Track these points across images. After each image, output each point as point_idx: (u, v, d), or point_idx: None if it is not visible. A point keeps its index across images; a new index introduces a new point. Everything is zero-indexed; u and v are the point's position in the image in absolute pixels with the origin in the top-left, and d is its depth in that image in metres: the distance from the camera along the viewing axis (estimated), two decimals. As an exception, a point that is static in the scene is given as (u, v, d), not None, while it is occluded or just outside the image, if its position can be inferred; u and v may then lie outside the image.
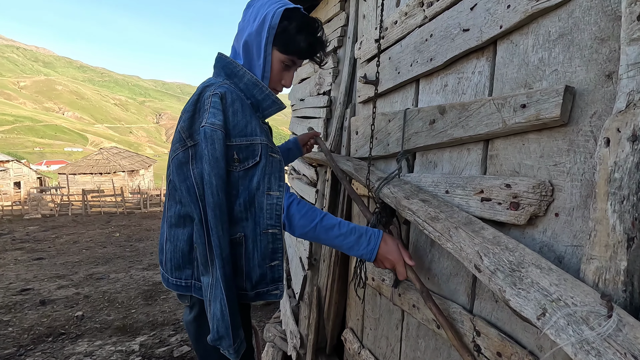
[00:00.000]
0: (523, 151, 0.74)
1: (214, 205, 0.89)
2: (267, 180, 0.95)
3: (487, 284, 0.61)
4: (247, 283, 0.98)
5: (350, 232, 0.97)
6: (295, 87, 2.83)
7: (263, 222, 0.95)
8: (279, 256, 0.99)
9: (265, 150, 0.95)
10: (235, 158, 0.92)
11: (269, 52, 0.99)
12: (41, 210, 15.92)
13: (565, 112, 0.63)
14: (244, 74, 1.00)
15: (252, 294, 0.99)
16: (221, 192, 0.89)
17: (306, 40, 1.00)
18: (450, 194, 0.90)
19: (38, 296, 4.52)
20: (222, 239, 0.90)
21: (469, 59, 0.90)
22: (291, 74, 1.07)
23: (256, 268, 0.97)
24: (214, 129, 0.89)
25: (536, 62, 0.71)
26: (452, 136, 0.91)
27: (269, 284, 1.00)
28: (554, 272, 0.54)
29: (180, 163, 0.96)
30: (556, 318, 0.48)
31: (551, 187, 0.67)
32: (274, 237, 0.97)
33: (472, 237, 0.69)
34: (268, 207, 0.95)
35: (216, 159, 0.89)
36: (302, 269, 2.19)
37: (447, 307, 0.94)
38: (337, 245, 0.98)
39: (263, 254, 0.97)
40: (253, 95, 1.00)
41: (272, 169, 0.96)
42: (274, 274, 1.00)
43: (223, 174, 0.90)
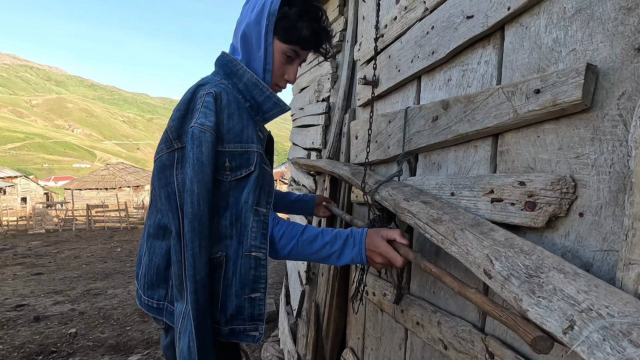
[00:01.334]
0: (538, 144, 0.65)
1: (193, 217, 0.77)
2: (258, 194, 0.83)
3: (500, 292, 0.52)
4: (221, 315, 0.83)
5: (335, 237, 0.86)
6: (296, 97, 2.78)
7: (247, 243, 0.82)
8: (262, 287, 0.85)
9: (260, 160, 0.85)
10: (226, 166, 0.82)
11: (269, 42, 0.90)
12: (45, 226, 15.92)
13: (588, 94, 0.55)
14: (243, 73, 0.91)
15: (225, 329, 0.84)
16: (203, 203, 0.78)
17: (309, 27, 0.91)
18: (456, 196, 0.81)
19: (33, 312, 4.40)
20: (197, 258, 0.77)
21: (474, 48, 0.83)
22: (294, 67, 0.96)
23: (232, 298, 0.82)
24: (202, 130, 0.79)
25: (550, 44, 0.63)
26: (457, 132, 0.82)
27: (246, 322, 0.84)
28: (581, 277, 0.44)
29: (163, 166, 0.86)
30: (588, 332, 0.38)
31: (573, 182, 0.58)
32: (257, 262, 0.83)
33: (481, 239, 0.60)
34: (254, 225, 0.82)
35: (201, 163, 0.78)
36: (300, 284, 2.08)
37: (454, 326, 0.83)
38: (325, 256, 0.86)
39: (243, 281, 0.83)
40: (253, 96, 0.91)
41: (264, 181, 0.85)
42: (254, 310, 0.84)
43: (208, 182, 0.79)
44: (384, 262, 0.85)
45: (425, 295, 1.01)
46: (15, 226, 16.34)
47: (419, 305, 0.98)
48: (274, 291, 4.99)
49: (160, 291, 0.88)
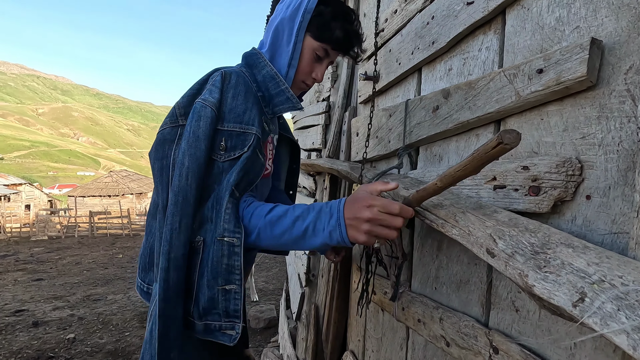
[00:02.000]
0: (542, 127, 0.63)
1: (178, 190, 0.74)
2: (241, 176, 0.79)
3: (504, 270, 0.49)
4: (195, 308, 0.77)
5: (308, 210, 0.75)
6: (297, 100, 2.78)
7: (220, 226, 0.75)
8: (236, 279, 0.76)
9: (256, 144, 0.82)
10: (222, 145, 0.79)
11: (300, 38, 0.90)
12: (48, 232, 15.95)
13: (593, 70, 0.53)
14: (264, 66, 0.91)
15: (200, 325, 0.77)
16: (191, 177, 0.74)
17: (342, 28, 0.91)
18: (458, 186, 0.79)
19: (32, 317, 4.37)
20: (175, 234, 0.72)
21: (475, 35, 0.81)
22: (323, 67, 0.96)
23: (205, 288, 0.75)
24: (204, 105, 0.78)
25: (553, 23, 0.62)
26: (458, 120, 0.80)
27: (222, 317, 0.76)
28: (591, 250, 0.41)
29: (163, 139, 0.84)
30: (600, 303, 0.35)
31: (579, 164, 0.56)
32: (230, 250, 0.75)
33: (483, 220, 0.57)
34: (229, 206, 0.75)
35: (197, 137, 0.76)
36: (300, 286, 2.05)
37: (457, 321, 0.80)
38: (298, 235, 0.74)
39: (215, 270, 0.75)
40: (267, 88, 0.90)
41: (252, 166, 0.81)
42: (229, 304, 0.76)
43: (200, 157, 0.76)
44: (374, 217, 0.68)
45: (427, 292, 0.97)
46: (19, 233, 16.38)
47: (420, 302, 0.95)
48: (275, 297, 4.93)
49: (150, 274, 0.85)
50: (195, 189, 0.75)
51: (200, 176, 0.77)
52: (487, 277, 0.75)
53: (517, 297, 0.67)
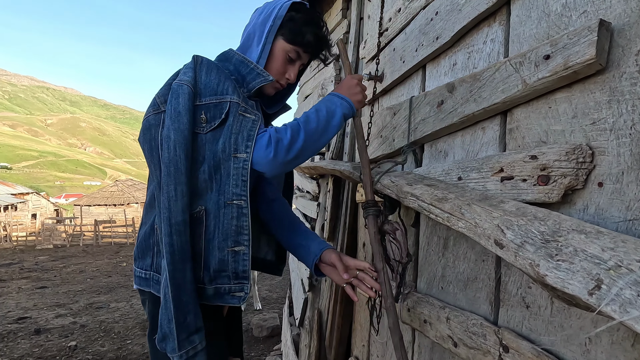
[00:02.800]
0: (550, 115, 0.62)
1: (169, 161, 0.80)
2: (234, 141, 0.83)
3: (513, 261, 0.47)
4: (205, 273, 0.83)
5: (319, 105, 0.92)
6: (301, 105, 2.79)
7: (228, 191, 0.83)
8: (245, 239, 0.84)
9: (234, 108, 0.86)
10: (202, 118, 0.85)
11: (269, 40, 0.96)
12: (53, 241, 16.00)
13: (602, 52, 0.51)
14: (233, 56, 0.97)
15: (210, 289, 0.83)
16: (179, 149, 0.80)
17: (313, 32, 0.97)
18: (464, 180, 0.77)
19: (34, 325, 4.34)
20: (172, 201, 0.78)
21: (479, 28, 0.81)
22: (296, 68, 1.01)
23: (215, 251, 0.82)
24: (180, 84, 0.85)
25: (559, 10, 0.61)
26: (464, 113, 0.79)
27: (231, 279, 0.83)
28: (605, 235, 0.39)
29: (149, 125, 0.89)
30: (617, 289, 0.33)
31: (590, 150, 0.54)
32: (239, 211, 0.83)
33: (490, 211, 0.55)
34: (234, 172, 0.83)
35: (178, 112, 0.82)
36: (303, 292, 2.01)
37: (464, 320, 0.77)
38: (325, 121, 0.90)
39: (225, 232, 0.82)
40: (239, 72, 0.95)
41: (240, 127, 0.85)
42: (238, 265, 0.83)
43: (184, 130, 0.81)
44: (362, 90, 0.98)
45: (433, 292, 0.95)
46: (25, 242, 16.45)
47: (426, 302, 0.92)
48: (278, 306, 4.87)
49: (147, 259, 0.88)
50: (184, 159, 0.81)
51: (188, 147, 0.82)
52: (495, 274, 0.73)
53: (528, 293, 0.64)
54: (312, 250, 1.00)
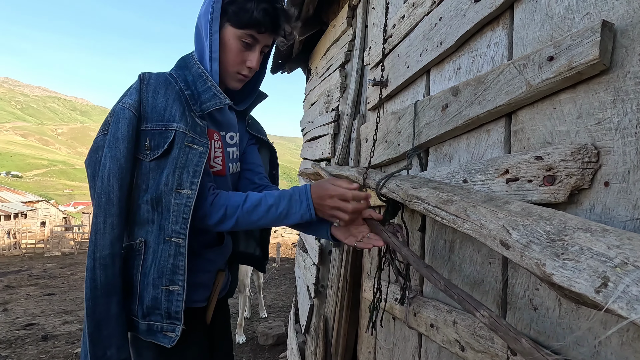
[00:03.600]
0: (555, 116, 0.62)
1: (100, 192, 0.76)
2: (178, 175, 0.79)
3: (519, 261, 0.47)
4: (139, 308, 0.80)
5: (280, 198, 0.85)
6: (306, 112, 2.81)
7: (168, 227, 0.79)
8: (180, 279, 0.79)
9: (180, 138, 0.81)
10: (146, 145, 0.81)
11: (215, 30, 0.87)
12: (62, 248, 16.16)
13: (606, 53, 0.52)
14: (192, 65, 0.91)
15: (143, 324, 0.80)
16: (113, 179, 0.77)
17: (259, 7, 0.86)
18: (469, 182, 0.77)
19: (41, 331, 4.37)
20: (99, 235, 0.75)
21: (483, 32, 0.82)
22: (256, 54, 0.92)
23: (150, 287, 0.79)
24: (122, 107, 0.80)
25: (562, 12, 0.61)
26: (468, 116, 0.79)
27: (164, 318, 0.80)
28: (611, 233, 0.39)
29: (97, 147, 0.85)
30: (624, 286, 0.33)
31: (595, 150, 0.54)
32: (177, 249, 0.79)
33: (495, 212, 0.55)
34: (175, 208, 0.78)
35: (116, 139, 0.78)
36: (309, 298, 2.00)
37: (471, 324, 0.77)
38: (273, 219, 0.84)
39: (161, 270, 0.79)
40: (196, 87, 0.89)
41: (185, 161, 0.81)
42: (171, 305, 0.79)
43: (121, 159, 0.78)
44: (335, 205, 0.84)
45: (439, 295, 0.94)
46: (33, 249, 16.63)
47: (432, 307, 0.92)
48: (284, 314, 4.84)
49: None
50: (118, 189, 0.77)
51: (123, 177, 0.78)
52: (502, 276, 0.72)
53: (535, 295, 0.64)
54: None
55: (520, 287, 0.67)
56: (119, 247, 0.78)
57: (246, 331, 4.14)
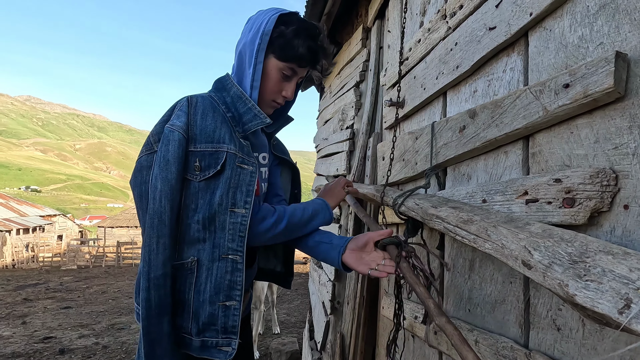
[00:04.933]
0: (572, 140, 0.64)
1: (153, 213, 0.78)
2: (232, 195, 0.82)
3: (542, 281, 0.49)
4: (193, 324, 0.81)
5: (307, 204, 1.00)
6: (320, 129, 2.87)
7: (224, 245, 0.81)
8: (237, 295, 0.81)
9: (231, 159, 0.84)
10: (196, 166, 0.83)
11: (260, 60, 0.91)
12: (77, 262, 16.44)
13: (620, 82, 0.54)
14: (231, 87, 0.94)
15: (197, 341, 0.81)
16: (165, 200, 0.78)
17: (305, 44, 0.91)
18: (488, 202, 0.79)
19: (59, 345, 4.43)
20: (153, 255, 0.77)
21: (498, 58, 0.85)
22: (292, 84, 0.96)
23: (206, 305, 0.80)
24: (172, 130, 0.82)
25: (576, 42, 0.64)
26: (486, 138, 0.82)
27: (219, 333, 0.81)
28: (632, 256, 0.41)
29: (141, 167, 0.87)
30: (649, 309, 0.35)
31: (614, 174, 0.56)
32: (234, 266, 0.81)
33: (516, 232, 0.57)
34: (231, 227, 0.81)
35: (167, 161, 0.80)
36: (325, 315, 2.00)
37: (494, 343, 0.77)
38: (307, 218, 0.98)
39: (217, 286, 0.80)
40: (236, 108, 0.92)
41: (238, 181, 0.83)
42: (228, 320, 0.81)
43: (172, 180, 0.79)
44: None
45: (460, 314, 0.95)
46: (50, 262, 16.97)
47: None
48: (297, 330, 4.80)
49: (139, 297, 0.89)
50: (169, 210, 0.79)
51: (174, 198, 0.80)
52: (524, 296, 0.73)
53: (558, 315, 0.65)
54: (335, 243, 0.95)
55: (543, 307, 0.68)
56: (170, 267, 0.79)
57: (259, 347, 4.12)
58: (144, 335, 0.76)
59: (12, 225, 21.67)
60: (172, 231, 0.80)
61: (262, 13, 0.94)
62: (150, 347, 0.77)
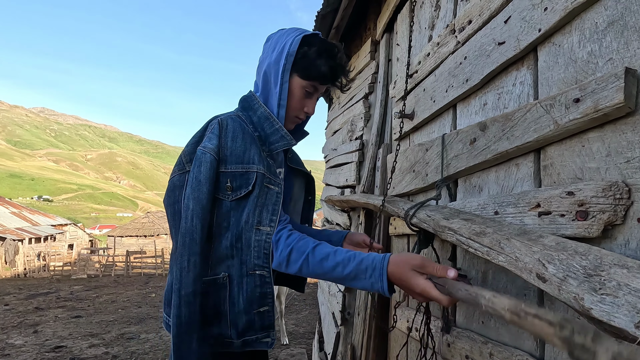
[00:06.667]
0: (584, 153, 0.65)
1: (185, 232, 0.82)
2: (258, 213, 0.86)
3: (557, 294, 0.49)
4: (232, 331, 0.86)
5: (349, 259, 0.80)
6: (329, 140, 2.89)
7: (250, 262, 0.85)
8: (269, 302, 0.88)
9: (260, 179, 0.88)
10: (228, 186, 0.87)
11: (286, 80, 0.96)
12: (87, 271, 16.59)
13: (631, 97, 0.55)
14: (258, 107, 0.98)
15: (238, 342, 0.86)
16: (196, 219, 0.82)
17: (327, 64, 0.97)
18: (500, 214, 0.80)
19: (69, 354, 4.46)
20: (184, 272, 0.80)
21: (508, 72, 0.86)
22: (314, 100, 1.03)
23: (242, 315, 0.85)
24: (204, 152, 0.87)
25: (585, 57, 0.65)
26: (497, 151, 0.83)
27: (258, 331, 0.87)
28: (650, 271, 0.42)
29: (174, 186, 0.93)
30: (667, 324, 0.35)
31: (627, 187, 0.57)
32: (262, 280, 0.86)
33: (529, 245, 0.58)
34: (256, 244, 0.85)
35: (199, 182, 0.84)
36: (335, 326, 2.00)
37: (509, 356, 0.77)
38: (338, 277, 0.81)
39: (249, 299, 0.86)
40: (263, 128, 0.96)
41: (265, 200, 0.88)
42: (264, 321, 0.88)
43: (203, 200, 0.83)
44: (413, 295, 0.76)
45: (473, 326, 0.94)
46: (61, 271, 17.15)
47: (467, 337, 0.92)
48: (305, 341, 4.77)
49: (168, 307, 0.93)
50: (200, 229, 0.83)
51: (205, 217, 0.84)
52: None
53: (574, 328, 0.65)
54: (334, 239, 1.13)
55: (558, 319, 0.68)
56: (199, 284, 0.82)
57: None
58: (175, 351, 0.80)
59: (25, 234, 22.03)
60: (203, 249, 0.84)
61: (285, 33, 0.98)
62: None
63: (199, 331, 0.82)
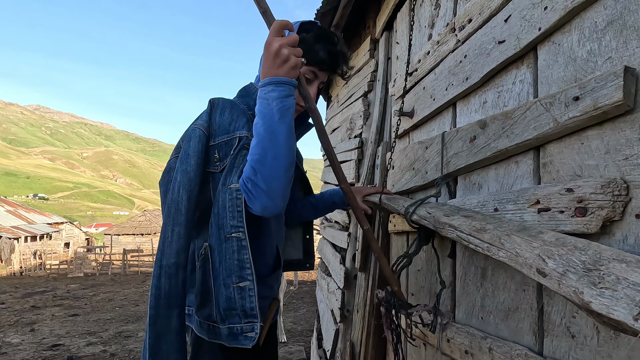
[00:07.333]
0: (583, 151, 0.66)
1: (170, 202, 0.81)
2: (233, 173, 0.84)
3: (557, 289, 0.50)
4: (217, 312, 0.82)
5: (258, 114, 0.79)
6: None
7: (227, 224, 0.82)
8: (248, 274, 0.82)
9: (243, 142, 0.87)
10: (215, 157, 0.88)
11: None
12: (84, 269, 16.53)
13: (630, 95, 0.56)
14: (254, 92, 0.98)
15: (224, 329, 0.83)
16: (182, 190, 0.82)
17: (325, 49, 0.96)
18: (500, 211, 0.81)
19: (67, 352, 4.46)
20: (167, 243, 0.79)
21: (508, 70, 0.87)
22: (314, 88, 1.00)
23: (222, 289, 0.81)
24: (194, 128, 0.88)
25: (585, 56, 0.66)
26: (497, 149, 0.84)
27: (241, 318, 0.82)
28: (648, 265, 0.42)
29: (169, 168, 0.93)
30: (664, 316, 0.36)
31: (625, 184, 0.58)
32: (239, 244, 0.82)
33: (529, 241, 0.59)
34: (230, 204, 0.82)
35: (187, 155, 0.85)
36: (334, 322, 2.01)
37: (508, 351, 0.78)
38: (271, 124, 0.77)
39: (228, 268, 0.82)
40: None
41: (242, 161, 0.85)
42: (245, 303, 0.81)
43: (190, 172, 0.84)
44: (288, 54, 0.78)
45: (472, 322, 0.96)
46: (57, 270, 17.08)
47: (466, 333, 0.93)
48: (303, 339, 4.78)
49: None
50: (186, 200, 0.82)
51: (192, 189, 0.84)
52: (537, 304, 0.74)
53: (572, 323, 0.66)
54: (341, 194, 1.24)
55: (557, 314, 0.69)
56: (184, 257, 0.81)
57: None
58: (150, 325, 0.76)
59: (21, 232, 21.89)
60: (188, 221, 0.82)
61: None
62: (156, 341, 0.76)
63: (181, 307, 0.80)
